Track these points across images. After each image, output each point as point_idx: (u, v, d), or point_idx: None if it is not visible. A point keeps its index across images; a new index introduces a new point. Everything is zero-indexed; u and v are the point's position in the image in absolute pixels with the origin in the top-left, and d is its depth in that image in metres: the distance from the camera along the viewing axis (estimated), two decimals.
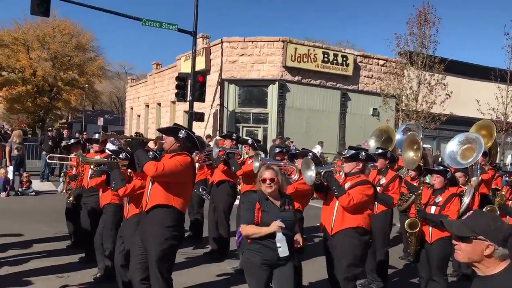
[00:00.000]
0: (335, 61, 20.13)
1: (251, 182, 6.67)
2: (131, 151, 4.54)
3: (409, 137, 7.62)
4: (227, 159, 6.71)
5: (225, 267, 6.59)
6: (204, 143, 8.79)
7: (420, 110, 19.52)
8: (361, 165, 4.65)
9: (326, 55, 19.94)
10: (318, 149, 17.45)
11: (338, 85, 20.56)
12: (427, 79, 19.49)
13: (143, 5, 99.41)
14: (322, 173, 4.52)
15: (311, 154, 5.36)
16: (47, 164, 14.98)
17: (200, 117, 17.46)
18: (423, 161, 7.91)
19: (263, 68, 19.32)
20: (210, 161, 7.47)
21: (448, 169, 5.65)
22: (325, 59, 19.89)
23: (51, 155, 13.47)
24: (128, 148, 5.03)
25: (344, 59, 20.37)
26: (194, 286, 5.77)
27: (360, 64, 21.08)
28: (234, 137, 7.21)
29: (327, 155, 17.80)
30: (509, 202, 6.84)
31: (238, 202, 7.12)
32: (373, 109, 21.37)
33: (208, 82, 18.46)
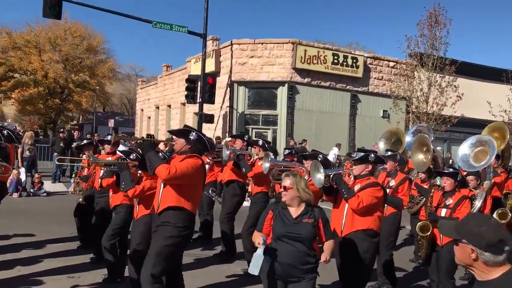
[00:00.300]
0: (345, 62, 20.09)
1: (261, 183, 6.68)
2: (142, 153, 4.56)
3: (418, 139, 7.57)
4: (238, 160, 6.68)
5: (234, 269, 6.59)
6: (214, 145, 8.79)
7: (431, 112, 19.38)
8: (370, 167, 4.63)
9: (336, 57, 19.90)
10: (336, 151, 17.38)
11: (348, 87, 20.51)
12: (437, 81, 19.35)
13: (154, 8, 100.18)
14: (331, 176, 4.51)
15: (321, 156, 5.36)
16: (58, 165, 15.13)
17: (210, 119, 17.49)
18: (433, 163, 7.87)
19: (272, 70, 19.33)
20: (220, 158, 7.46)
21: (458, 171, 5.62)
22: (335, 60, 19.85)
23: (60, 157, 13.63)
24: (139, 150, 5.07)
25: (354, 61, 20.31)
26: (203, 287, 5.78)
27: (370, 66, 21.00)
28: (245, 138, 7.17)
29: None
30: None
31: (249, 204, 7.10)
32: (383, 111, 21.28)
33: (218, 84, 18.52)
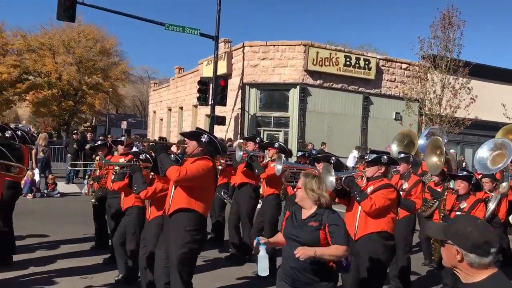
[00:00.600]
0: (357, 64, 20.00)
1: (274, 185, 6.68)
2: (154, 155, 4.59)
3: (432, 141, 7.50)
4: (251, 161, 6.68)
5: (246, 271, 6.59)
6: (226, 147, 8.81)
7: (444, 114, 19.19)
8: (383, 169, 4.58)
9: (348, 59, 19.82)
10: (355, 153, 17.24)
11: (360, 89, 20.41)
12: (451, 83, 19.17)
13: (166, 11, 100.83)
14: (343, 178, 4.47)
15: (333, 158, 5.33)
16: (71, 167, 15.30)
17: (222, 120, 17.53)
18: (446, 166, 7.79)
19: (284, 72, 19.31)
20: (232, 161, 7.47)
21: (472, 174, 5.57)
22: (347, 62, 19.77)
23: (72, 162, 13.83)
24: (151, 151, 5.10)
25: (367, 62, 20.22)
26: None
27: (383, 67, 20.89)
28: (257, 140, 7.18)
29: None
30: None
31: (261, 206, 7.10)
32: (396, 113, 21.13)
33: (230, 86, 18.55)
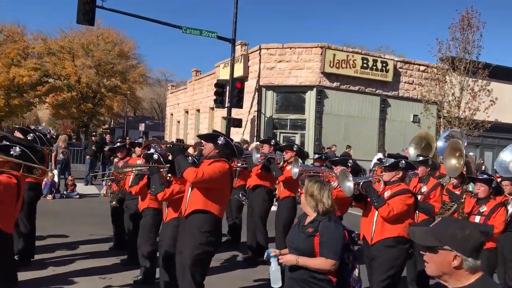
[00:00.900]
0: (374, 67, 19.86)
1: (291, 188, 6.67)
2: (172, 156, 4.65)
3: (451, 144, 7.42)
4: (268, 164, 6.67)
5: (263, 273, 6.60)
6: (242, 150, 8.85)
7: (463, 117, 18.94)
8: (401, 173, 4.57)
9: (365, 61, 19.69)
10: (380, 156, 17.10)
11: (377, 91, 20.25)
12: (470, 85, 18.91)
13: (184, 14, 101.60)
14: (361, 184, 4.46)
15: (351, 162, 5.31)
16: (91, 168, 15.52)
17: (238, 123, 17.57)
18: (465, 169, 7.69)
19: (301, 75, 19.27)
20: (247, 164, 7.50)
21: (492, 177, 5.49)
22: (364, 65, 19.64)
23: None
24: (168, 153, 5.16)
25: (384, 65, 20.06)
26: None
27: (400, 70, 20.70)
28: (272, 143, 7.19)
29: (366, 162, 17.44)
30: None
31: (276, 208, 7.10)
32: (414, 115, 20.90)
33: (246, 89, 18.58)
